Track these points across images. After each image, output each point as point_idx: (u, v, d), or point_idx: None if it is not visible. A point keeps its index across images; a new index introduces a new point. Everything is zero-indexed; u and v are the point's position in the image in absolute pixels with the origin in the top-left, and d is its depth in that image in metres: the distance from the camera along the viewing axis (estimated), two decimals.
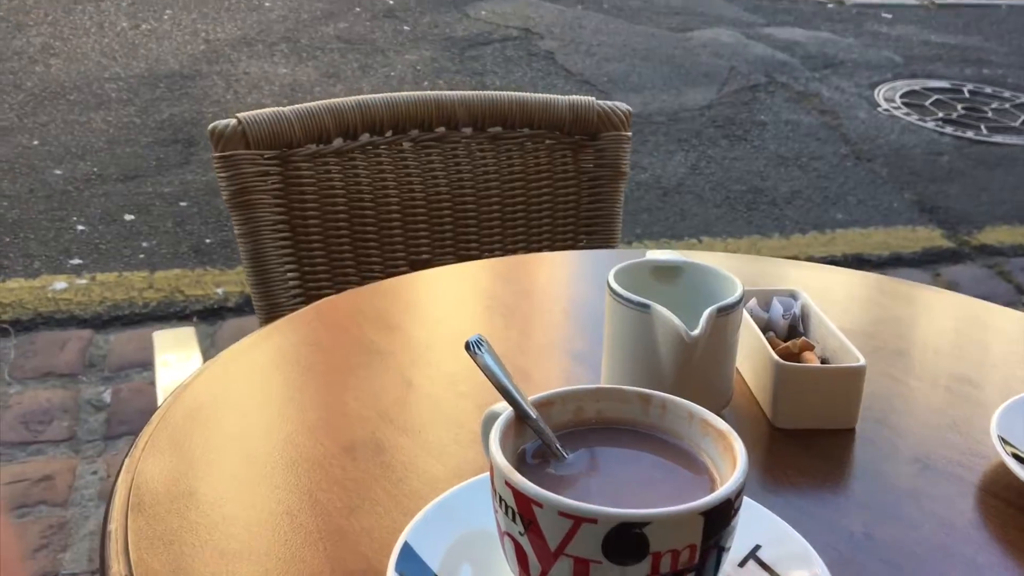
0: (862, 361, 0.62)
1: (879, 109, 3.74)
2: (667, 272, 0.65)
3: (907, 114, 3.70)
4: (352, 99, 1.17)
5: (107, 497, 0.56)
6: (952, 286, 2.71)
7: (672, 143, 3.47)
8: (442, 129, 1.21)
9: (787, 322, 0.69)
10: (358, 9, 4.62)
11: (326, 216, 1.14)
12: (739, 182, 3.22)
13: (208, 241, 2.73)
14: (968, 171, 3.34)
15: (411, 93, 1.20)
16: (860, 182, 3.24)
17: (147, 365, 2.24)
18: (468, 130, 1.22)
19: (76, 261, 2.59)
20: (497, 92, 1.23)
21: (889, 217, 3.05)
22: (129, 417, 2.10)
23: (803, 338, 0.66)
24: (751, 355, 0.67)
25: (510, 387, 0.46)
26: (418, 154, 1.20)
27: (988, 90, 3.95)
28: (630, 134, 1.24)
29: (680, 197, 3.14)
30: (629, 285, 0.62)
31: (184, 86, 3.67)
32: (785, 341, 0.67)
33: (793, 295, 0.71)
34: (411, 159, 1.19)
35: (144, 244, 2.69)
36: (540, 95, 1.24)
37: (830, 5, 5.03)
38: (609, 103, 1.24)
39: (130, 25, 4.24)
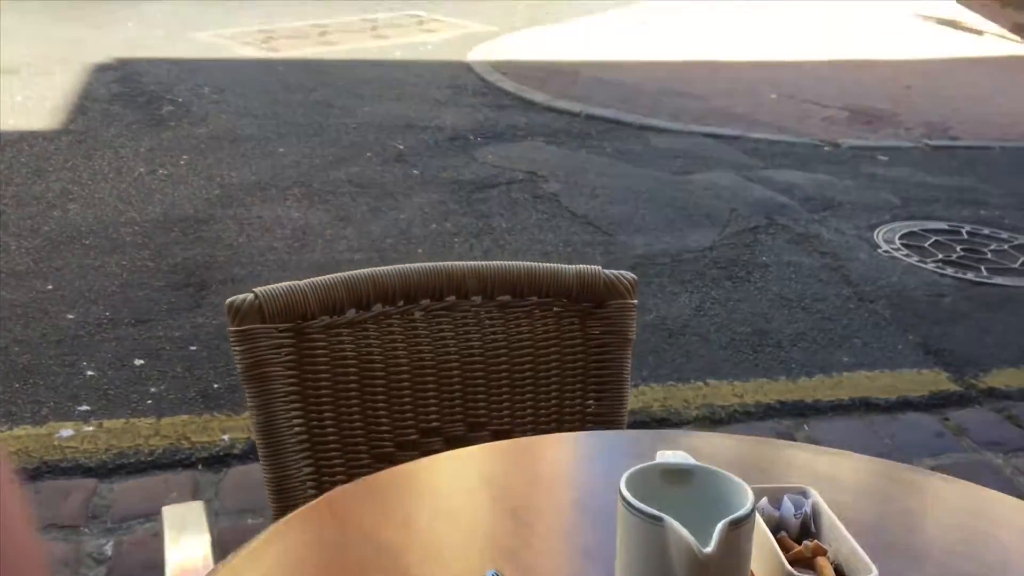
0: (875, 572, 0.62)
1: (879, 250, 3.81)
2: (678, 475, 0.66)
3: (907, 255, 3.76)
4: (366, 271, 1.20)
5: None
6: (961, 431, 2.70)
7: (676, 284, 3.52)
8: (452, 298, 1.24)
9: (799, 521, 0.69)
10: (369, 154, 4.77)
11: (337, 385, 1.16)
12: (744, 323, 3.25)
13: (216, 386, 2.74)
14: (971, 313, 3.36)
15: (422, 264, 1.23)
16: (864, 324, 3.26)
17: (150, 516, 2.22)
18: (478, 299, 1.25)
19: (84, 407, 2.60)
20: (506, 262, 1.26)
21: (895, 359, 3.05)
22: (130, 571, 2.06)
23: (815, 541, 0.66)
24: (764, 561, 0.67)
25: None
26: (429, 323, 1.22)
27: (986, 231, 4.02)
28: (635, 302, 1.27)
29: (685, 339, 3.16)
30: (640, 489, 0.63)
31: (198, 230, 3.76)
32: (797, 541, 0.67)
33: (804, 493, 0.71)
34: (422, 328, 1.22)
35: (152, 389, 2.70)
36: (548, 264, 1.27)
37: (826, 148, 5.19)
38: (615, 272, 1.27)
39: (147, 170, 4.38)
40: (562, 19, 8.65)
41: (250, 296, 1.11)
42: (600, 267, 1.27)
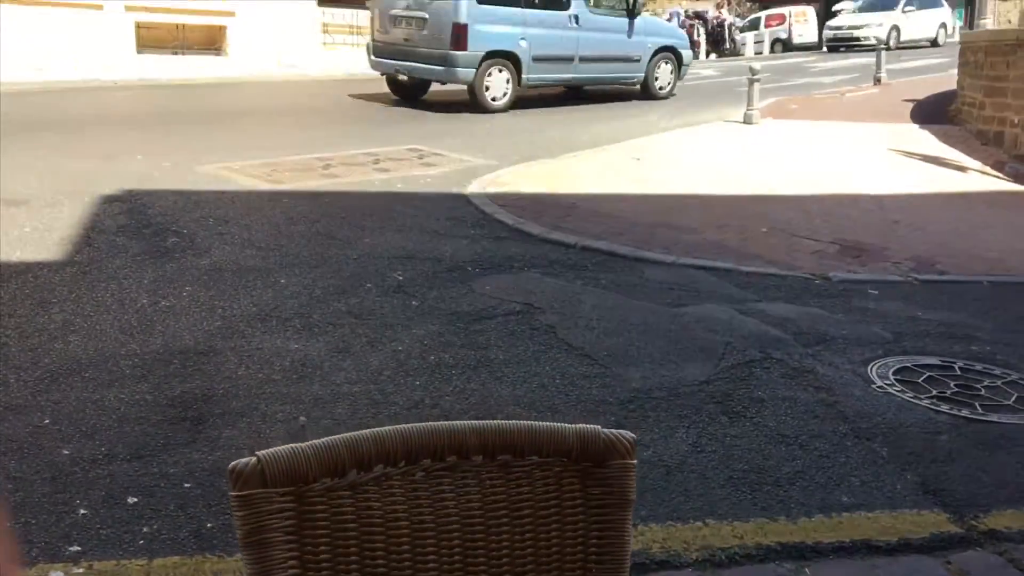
0: None
1: (874, 386, 3.83)
2: None
3: (901, 391, 3.79)
4: (368, 432, 1.22)
5: None
6: None
7: (673, 419, 3.52)
8: (453, 458, 1.25)
9: None
10: (369, 285, 4.85)
11: (336, 550, 1.16)
12: (741, 461, 3.24)
13: (209, 525, 2.71)
14: (967, 451, 3.36)
15: (424, 424, 1.26)
16: (861, 462, 3.26)
17: None
18: (479, 458, 1.26)
19: (75, 548, 2.57)
20: (507, 421, 1.29)
21: (894, 499, 3.04)
22: None
23: None
24: None
25: None
26: (430, 484, 1.24)
27: (979, 367, 4.06)
28: (635, 462, 1.29)
29: (683, 476, 3.14)
30: None
31: (198, 362, 3.78)
32: None
33: None
34: (422, 489, 1.23)
35: (145, 529, 2.67)
36: (548, 424, 1.29)
37: (817, 281, 5.28)
38: (614, 432, 1.29)
39: (150, 302, 4.44)
40: (558, 154, 8.94)
41: (252, 460, 1.13)
42: (599, 427, 1.29)
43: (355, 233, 5.85)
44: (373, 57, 12.81)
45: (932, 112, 11.61)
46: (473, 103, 11.89)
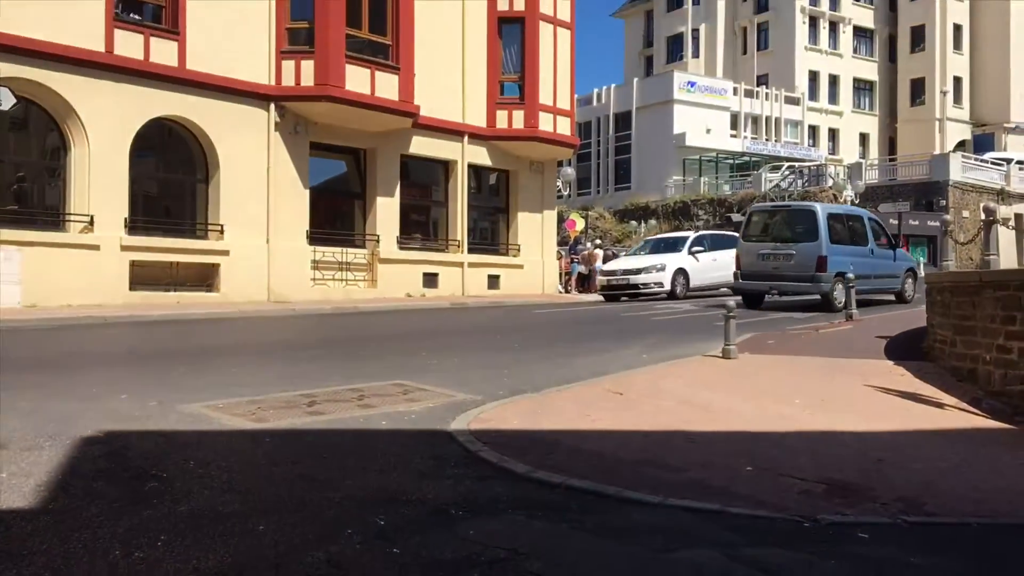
0: None
1: None
2: None
3: None
4: None
5: None
6: None
7: None
8: None
9: None
10: (350, 531, 4.74)
11: None
12: None
13: None
14: None
15: None
16: None
17: None
18: None
19: None
20: None
21: None
22: None
23: None
24: None
25: None
26: None
27: None
28: None
29: None
30: None
31: None
32: None
33: None
34: None
35: None
36: None
37: (806, 524, 5.19)
38: None
39: (123, 554, 4.30)
40: (542, 388, 9.04)
41: None
42: None
43: (337, 474, 5.79)
44: (740, 281, 19.96)
45: (906, 348, 11.89)
46: (826, 306, 18.73)
